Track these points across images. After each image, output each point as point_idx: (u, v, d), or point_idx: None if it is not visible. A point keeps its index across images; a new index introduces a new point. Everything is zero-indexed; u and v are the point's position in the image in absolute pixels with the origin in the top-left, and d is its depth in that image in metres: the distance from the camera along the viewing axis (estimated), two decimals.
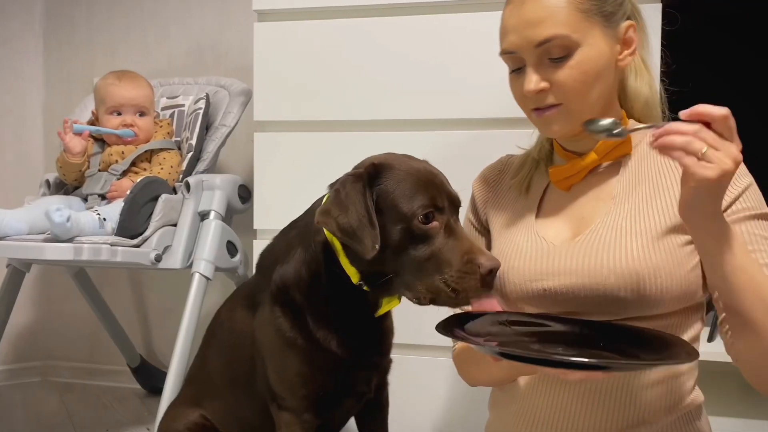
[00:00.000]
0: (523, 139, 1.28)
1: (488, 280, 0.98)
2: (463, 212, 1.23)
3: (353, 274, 1.09)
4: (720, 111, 0.87)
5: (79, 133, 1.94)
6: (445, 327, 0.97)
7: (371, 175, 1.04)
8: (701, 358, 1.09)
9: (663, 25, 1.39)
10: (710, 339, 1.67)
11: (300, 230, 1.19)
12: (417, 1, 1.74)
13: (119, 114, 2.00)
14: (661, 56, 1.26)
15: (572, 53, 1.04)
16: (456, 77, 1.71)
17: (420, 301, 1.03)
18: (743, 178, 1.06)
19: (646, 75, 1.15)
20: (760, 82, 1.85)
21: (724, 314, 1.01)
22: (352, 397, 1.23)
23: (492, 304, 1.01)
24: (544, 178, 1.18)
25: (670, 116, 1.18)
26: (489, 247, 1.22)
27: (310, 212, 1.18)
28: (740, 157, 0.88)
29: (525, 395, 1.11)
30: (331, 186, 1.12)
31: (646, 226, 1.04)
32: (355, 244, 1.02)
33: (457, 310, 1.09)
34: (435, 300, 1.01)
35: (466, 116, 1.71)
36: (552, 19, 1.03)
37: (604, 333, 0.99)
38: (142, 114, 2.02)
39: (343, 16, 1.79)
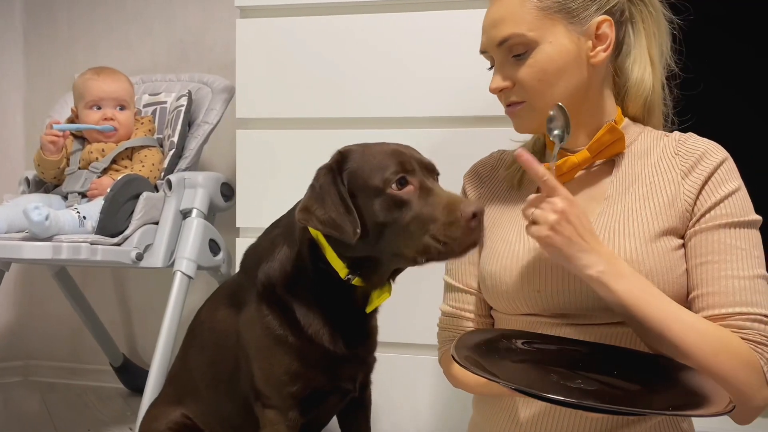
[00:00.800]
0: (506, 137, 1.28)
1: (473, 225, 0.98)
2: None
3: (341, 269, 1.09)
4: (536, 172, 0.94)
5: (62, 132, 1.92)
6: (463, 359, 0.92)
7: (339, 162, 1.06)
8: None
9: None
10: None
11: (283, 229, 1.19)
12: None
13: (99, 108, 1.98)
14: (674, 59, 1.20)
15: (531, 51, 1.05)
16: (440, 75, 1.71)
17: (416, 262, 1.03)
18: (730, 182, 1.03)
19: (649, 68, 1.12)
20: (760, 82, 1.85)
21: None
22: (337, 394, 1.22)
23: None
24: None
25: (677, 121, 1.17)
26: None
27: (292, 211, 1.18)
28: (563, 206, 0.94)
29: (510, 399, 1.11)
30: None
31: (638, 228, 1.03)
32: (338, 233, 1.03)
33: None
34: (428, 258, 1.01)
35: (451, 114, 1.71)
36: (511, 18, 1.05)
37: (613, 357, 0.97)
38: (122, 108, 2.00)
39: (325, 13, 1.79)
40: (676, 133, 1.13)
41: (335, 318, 1.14)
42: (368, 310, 1.16)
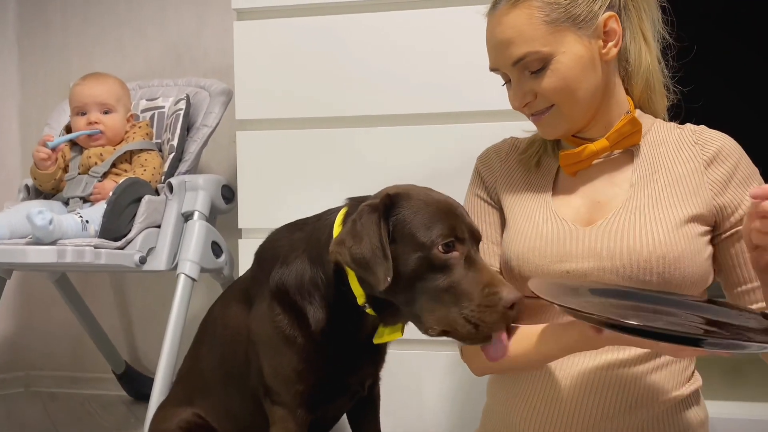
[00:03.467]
0: (508, 132, 1.30)
1: (510, 315, 0.95)
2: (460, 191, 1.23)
3: (360, 295, 1.09)
4: None
5: (55, 148, 1.92)
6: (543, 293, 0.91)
7: (387, 206, 1.03)
8: None
9: None
10: None
11: (306, 236, 1.18)
12: None
13: (83, 114, 1.98)
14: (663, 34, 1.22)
15: (548, 64, 1.06)
16: (439, 72, 1.71)
17: (428, 332, 1.00)
18: (754, 178, 1.10)
19: (644, 46, 1.14)
20: (759, 82, 1.86)
21: None
22: (345, 395, 1.23)
23: (503, 349, 0.97)
24: (554, 159, 1.19)
25: (678, 93, 1.19)
26: (503, 222, 1.21)
27: (321, 221, 1.16)
28: None
29: (526, 379, 1.12)
30: (350, 199, 1.13)
31: (667, 213, 1.07)
32: (368, 275, 1.01)
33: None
34: (449, 333, 0.98)
35: (452, 110, 1.72)
36: (521, 37, 1.06)
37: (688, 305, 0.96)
38: (107, 112, 1.99)
39: (323, 13, 1.79)
40: (689, 125, 1.17)
41: (345, 334, 1.15)
42: (375, 341, 1.14)
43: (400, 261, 1.00)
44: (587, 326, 0.91)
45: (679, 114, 1.23)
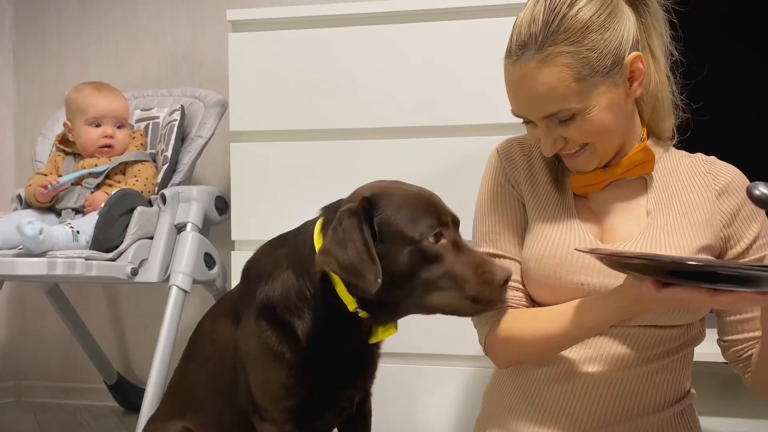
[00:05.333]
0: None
1: (503, 290, 1.02)
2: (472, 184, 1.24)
3: (350, 303, 1.09)
4: None
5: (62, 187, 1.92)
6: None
7: (366, 208, 1.04)
8: None
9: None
10: None
11: (289, 251, 1.17)
12: (392, 10, 1.75)
13: (98, 126, 1.97)
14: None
15: (579, 115, 1.05)
16: (432, 85, 1.72)
17: (434, 313, 1.06)
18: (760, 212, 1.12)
19: (652, 63, 1.13)
20: (759, 82, 1.85)
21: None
22: (334, 410, 1.23)
23: None
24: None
25: (687, 110, 1.18)
26: (525, 220, 1.19)
27: (301, 235, 1.16)
28: None
29: (526, 386, 1.12)
30: (324, 209, 1.13)
31: (683, 242, 1.08)
32: (358, 280, 1.02)
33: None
34: (454, 313, 1.04)
35: (443, 123, 1.72)
36: (553, 94, 1.03)
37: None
38: (120, 126, 2.00)
39: (318, 26, 1.79)
40: (700, 155, 1.18)
41: (336, 345, 1.14)
42: (371, 341, 1.15)
43: (390, 259, 1.02)
44: (644, 284, 0.91)
45: (687, 129, 1.21)
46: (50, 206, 1.97)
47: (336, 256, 1.02)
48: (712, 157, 1.17)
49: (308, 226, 1.16)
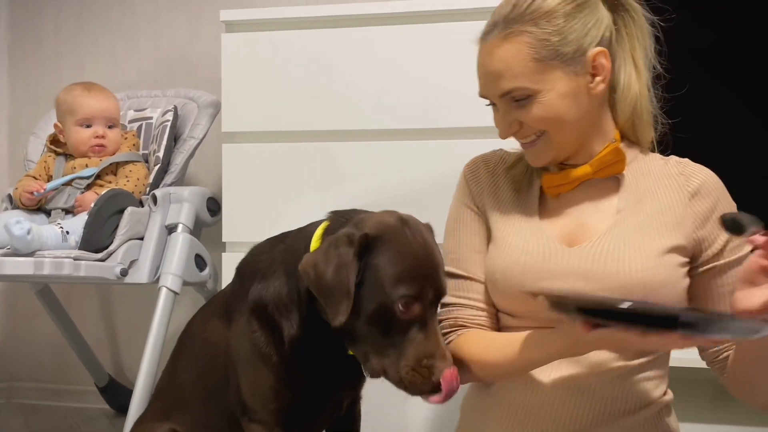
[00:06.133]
0: (490, 149, 1.28)
1: (435, 385, 1.00)
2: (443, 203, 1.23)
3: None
4: None
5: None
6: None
7: (363, 246, 1.03)
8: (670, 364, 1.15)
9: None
10: None
11: (286, 250, 1.17)
12: (385, 12, 1.75)
13: (89, 126, 1.96)
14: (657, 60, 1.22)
15: (534, 98, 1.07)
16: (425, 87, 1.72)
17: (367, 373, 1.06)
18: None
19: (635, 74, 1.14)
20: (758, 82, 1.85)
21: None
22: (323, 413, 1.22)
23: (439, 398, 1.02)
24: (540, 178, 1.19)
25: (667, 124, 1.18)
26: (488, 235, 1.20)
27: (302, 234, 1.15)
28: None
29: (505, 389, 1.12)
30: (333, 213, 1.12)
31: (651, 241, 1.07)
32: (327, 306, 1.02)
33: None
34: (386, 378, 1.04)
35: (435, 126, 1.71)
36: (510, 72, 1.06)
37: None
38: (111, 126, 1.99)
39: (311, 27, 1.80)
40: (673, 157, 1.19)
41: (323, 351, 1.13)
42: (350, 352, 1.13)
43: (361, 302, 1.01)
44: (576, 325, 0.90)
45: (668, 146, 1.22)
46: (39, 207, 1.96)
47: (318, 274, 1.02)
48: (686, 160, 1.17)
49: (311, 226, 1.15)
